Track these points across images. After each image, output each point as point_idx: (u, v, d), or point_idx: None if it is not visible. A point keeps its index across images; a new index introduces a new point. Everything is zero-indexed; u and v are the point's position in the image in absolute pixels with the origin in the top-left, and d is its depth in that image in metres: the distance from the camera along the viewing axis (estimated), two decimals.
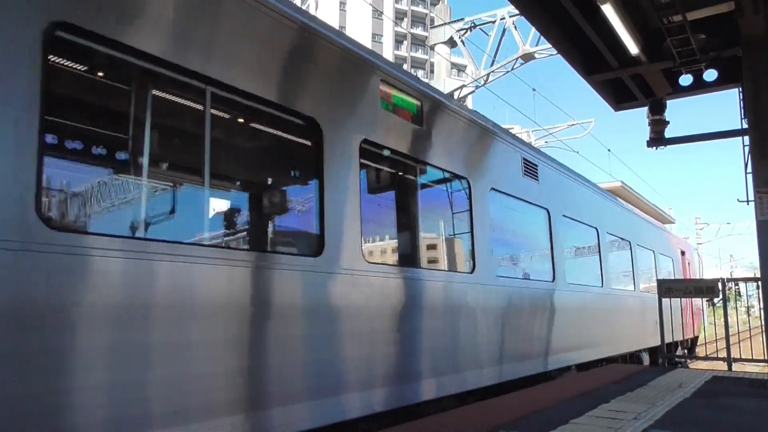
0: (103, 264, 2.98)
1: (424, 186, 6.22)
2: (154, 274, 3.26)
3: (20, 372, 2.64)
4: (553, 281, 8.11)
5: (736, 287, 14.26)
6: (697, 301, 16.72)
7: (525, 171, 7.73)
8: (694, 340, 17.46)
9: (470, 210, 6.40)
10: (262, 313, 3.90)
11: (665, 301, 9.17)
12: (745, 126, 7.46)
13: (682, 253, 16.97)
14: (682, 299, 11.93)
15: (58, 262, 2.77)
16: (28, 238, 2.64)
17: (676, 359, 12.40)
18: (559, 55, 8.00)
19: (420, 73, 66.98)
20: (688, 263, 17.81)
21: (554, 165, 8.84)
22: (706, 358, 11.93)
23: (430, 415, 4.80)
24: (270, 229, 4.86)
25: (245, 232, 4.61)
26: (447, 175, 6.24)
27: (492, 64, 16.76)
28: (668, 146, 8.97)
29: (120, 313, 3.05)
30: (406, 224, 6.00)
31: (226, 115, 4.20)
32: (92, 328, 2.93)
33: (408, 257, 5.82)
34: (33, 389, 2.69)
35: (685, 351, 15.97)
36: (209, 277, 3.55)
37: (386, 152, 5.40)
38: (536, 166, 8.05)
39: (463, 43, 17.25)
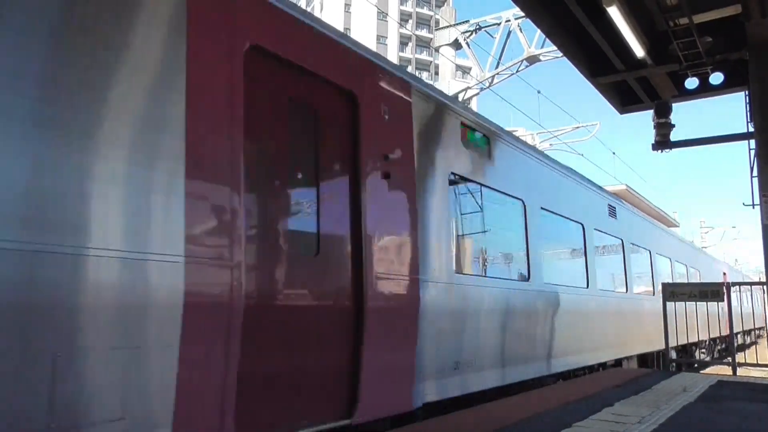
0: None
1: None
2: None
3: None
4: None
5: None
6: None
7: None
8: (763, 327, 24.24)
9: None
10: None
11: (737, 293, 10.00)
12: (752, 129, 7.43)
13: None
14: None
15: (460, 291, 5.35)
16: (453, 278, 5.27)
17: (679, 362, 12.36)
18: (564, 58, 7.97)
19: (424, 75, 66.99)
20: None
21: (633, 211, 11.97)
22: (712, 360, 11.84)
23: (432, 417, 4.79)
24: None
25: None
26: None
27: (497, 66, 16.75)
28: (673, 149, 8.95)
29: None
30: None
31: None
32: None
33: None
34: None
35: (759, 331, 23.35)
36: None
37: None
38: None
39: (468, 45, 17.23)
